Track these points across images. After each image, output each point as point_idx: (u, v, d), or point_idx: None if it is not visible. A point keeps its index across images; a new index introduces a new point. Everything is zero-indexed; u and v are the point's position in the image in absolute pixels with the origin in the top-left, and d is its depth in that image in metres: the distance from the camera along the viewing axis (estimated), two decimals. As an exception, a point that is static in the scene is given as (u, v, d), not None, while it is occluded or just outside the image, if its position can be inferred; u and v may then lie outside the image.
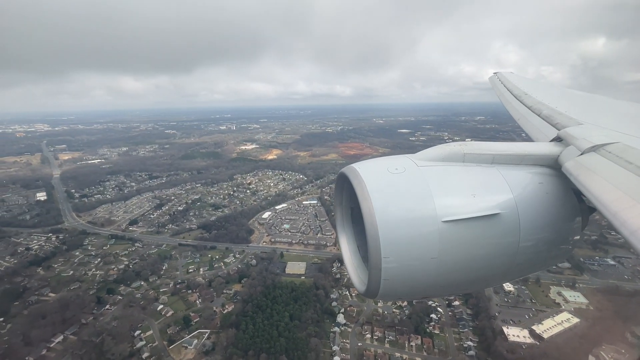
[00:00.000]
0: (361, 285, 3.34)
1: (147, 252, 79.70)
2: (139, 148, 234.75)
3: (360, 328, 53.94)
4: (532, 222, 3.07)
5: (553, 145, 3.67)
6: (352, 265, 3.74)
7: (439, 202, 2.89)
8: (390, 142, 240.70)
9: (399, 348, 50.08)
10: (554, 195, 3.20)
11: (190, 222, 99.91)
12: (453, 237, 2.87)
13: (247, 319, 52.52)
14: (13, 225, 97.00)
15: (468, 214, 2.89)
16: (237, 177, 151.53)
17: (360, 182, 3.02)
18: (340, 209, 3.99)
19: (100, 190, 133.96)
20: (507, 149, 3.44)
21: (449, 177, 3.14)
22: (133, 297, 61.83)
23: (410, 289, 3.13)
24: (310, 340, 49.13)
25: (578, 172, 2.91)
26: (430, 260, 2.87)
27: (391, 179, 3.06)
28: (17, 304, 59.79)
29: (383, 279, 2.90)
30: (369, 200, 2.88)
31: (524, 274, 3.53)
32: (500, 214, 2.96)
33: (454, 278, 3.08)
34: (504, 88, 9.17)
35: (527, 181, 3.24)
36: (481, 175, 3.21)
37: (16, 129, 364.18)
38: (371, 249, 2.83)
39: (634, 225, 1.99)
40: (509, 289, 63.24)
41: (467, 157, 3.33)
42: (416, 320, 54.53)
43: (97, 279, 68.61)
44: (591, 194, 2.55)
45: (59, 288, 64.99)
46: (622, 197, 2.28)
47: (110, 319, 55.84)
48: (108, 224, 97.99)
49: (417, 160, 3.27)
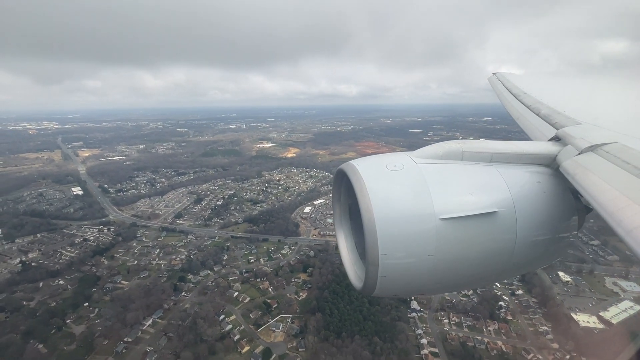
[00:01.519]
0: (358, 282, 3.39)
1: (202, 244, 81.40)
2: (157, 146, 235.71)
3: (436, 314, 56.03)
4: (529, 221, 3.10)
5: (551, 145, 3.70)
6: (349, 261, 3.79)
7: (436, 200, 2.92)
8: (405, 141, 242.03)
9: (478, 332, 52.17)
10: (551, 194, 3.22)
11: (233, 216, 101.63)
12: (450, 234, 2.90)
13: (329, 304, 54.48)
14: (60, 218, 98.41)
15: (466, 211, 2.92)
16: (264, 174, 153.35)
17: (359, 179, 3.05)
18: (338, 206, 4.04)
19: (133, 186, 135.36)
20: (505, 148, 3.48)
21: (447, 175, 3.17)
22: (206, 285, 63.61)
23: (407, 286, 3.15)
24: (396, 323, 51.20)
25: (575, 172, 2.91)
26: (428, 257, 2.89)
27: (389, 176, 3.08)
28: (94, 290, 61.49)
29: (380, 275, 2.92)
30: (367, 197, 2.91)
31: (521, 272, 3.59)
32: (498, 212, 3.00)
33: (450, 275, 3.11)
34: (503, 88, 9.15)
35: (525, 180, 3.27)
36: (479, 173, 3.24)
37: (26, 126, 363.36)
38: (369, 246, 2.86)
39: (630, 225, 2.00)
40: (567, 280, 65.54)
41: (466, 155, 3.35)
42: (486, 307, 56.71)
43: (162, 268, 70.33)
44: (588, 193, 2.56)
45: (129, 276, 66.69)
46: (619, 197, 2.28)
47: (191, 305, 57.73)
48: (154, 217, 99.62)
49: (415, 157, 3.31)
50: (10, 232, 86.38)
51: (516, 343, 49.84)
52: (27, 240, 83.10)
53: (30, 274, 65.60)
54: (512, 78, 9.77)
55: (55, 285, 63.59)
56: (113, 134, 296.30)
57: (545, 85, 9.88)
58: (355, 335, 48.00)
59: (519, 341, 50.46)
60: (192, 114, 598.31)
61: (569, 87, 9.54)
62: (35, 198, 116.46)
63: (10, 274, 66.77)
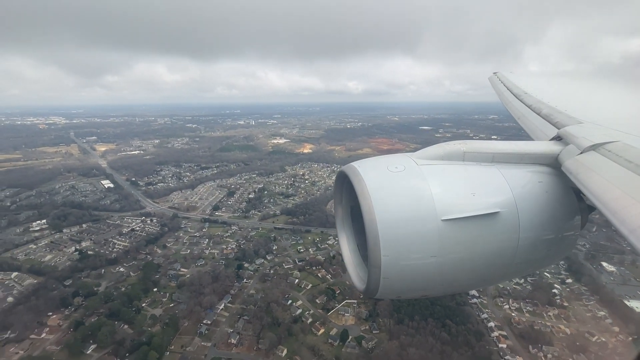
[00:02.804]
0: (361, 284, 3.37)
1: (247, 235, 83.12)
2: (171, 141, 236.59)
3: (494, 300, 58.10)
4: (532, 221, 3.09)
5: (553, 144, 3.70)
6: (352, 263, 3.77)
7: (438, 201, 2.92)
8: (417, 138, 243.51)
9: (539, 317, 54.29)
10: (553, 194, 3.21)
11: (269, 208, 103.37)
12: (453, 235, 2.90)
13: (394, 290, 56.36)
14: (99, 209, 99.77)
15: (468, 212, 2.92)
16: (287, 169, 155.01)
17: (360, 181, 3.06)
18: (340, 208, 4.01)
19: (160, 179, 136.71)
20: (506, 148, 3.47)
21: (449, 175, 3.17)
22: (264, 273, 65.41)
23: (410, 287, 3.16)
24: (462, 308, 53.27)
25: (577, 171, 2.90)
26: (430, 258, 2.89)
27: (391, 177, 3.08)
28: (157, 277, 63.14)
29: (382, 277, 2.92)
30: (368, 199, 2.91)
31: (524, 272, 3.56)
32: (500, 212, 2.99)
33: (453, 276, 3.11)
34: (504, 88, 9.11)
35: (527, 180, 3.26)
36: (481, 174, 3.23)
37: (34, 121, 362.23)
38: (371, 248, 2.86)
39: (633, 224, 2.00)
40: (611, 269, 67.86)
41: (467, 155, 3.35)
42: (543, 294, 58.85)
43: (216, 256, 72.04)
44: (590, 192, 2.56)
45: (187, 264, 68.33)
46: (622, 196, 2.28)
47: (256, 291, 59.56)
48: (192, 209, 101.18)
49: (417, 159, 3.30)
50: (54, 222, 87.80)
51: (578, 327, 52.00)
52: (74, 230, 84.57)
53: (90, 262, 67.06)
54: (513, 77, 9.75)
55: (116, 272, 65.20)
56: (124, 129, 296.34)
57: (545, 84, 9.81)
58: (428, 318, 50.00)
59: (580, 325, 52.60)
60: (197, 110, 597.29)
61: (569, 87, 9.55)
62: (68, 190, 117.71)
63: (70, 262, 68.33)
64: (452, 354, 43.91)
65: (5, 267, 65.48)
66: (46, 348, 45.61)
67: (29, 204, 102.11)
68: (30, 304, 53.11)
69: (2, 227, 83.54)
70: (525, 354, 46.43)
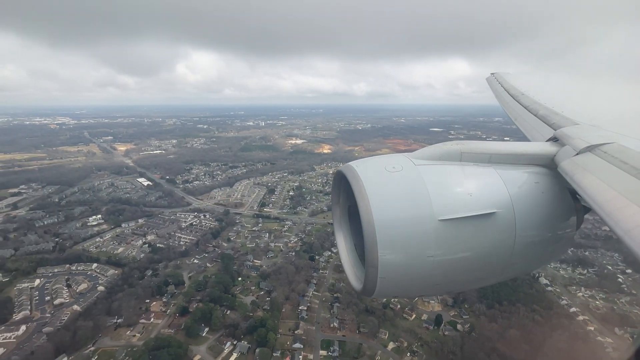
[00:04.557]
0: (358, 284, 3.38)
1: (304, 229, 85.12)
2: (188, 141, 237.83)
3: (567, 288, 60.75)
4: (528, 221, 3.12)
5: (549, 145, 3.71)
6: (349, 263, 3.78)
7: (435, 201, 2.93)
8: (431, 139, 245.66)
9: (612, 303, 57.00)
10: (549, 195, 3.24)
11: (313, 205, 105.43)
12: (450, 235, 2.92)
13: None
14: (148, 205, 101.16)
15: (465, 212, 2.93)
16: (315, 168, 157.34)
17: (358, 181, 3.07)
18: (337, 207, 4.03)
19: (194, 177, 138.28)
20: (503, 149, 3.50)
21: (446, 176, 3.19)
22: (335, 264, 67.45)
23: (407, 287, 3.19)
24: (544, 295, 55.86)
25: (573, 172, 2.92)
26: (427, 258, 2.90)
27: (388, 177, 3.09)
28: (235, 268, 64.93)
29: (379, 277, 2.93)
30: (366, 199, 2.92)
31: (520, 272, 3.63)
32: (497, 212, 3.01)
33: (450, 276, 3.14)
34: (501, 89, 9.13)
35: (523, 180, 3.28)
36: (478, 174, 3.25)
37: (42, 121, 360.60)
38: (368, 247, 2.87)
39: (628, 225, 2.00)
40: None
41: (464, 156, 3.36)
42: (610, 283, 61.63)
43: (282, 249, 73.99)
44: (586, 193, 2.57)
45: (258, 256, 70.19)
46: (617, 197, 2.29)
47: (335, 280, 61.65)
48: (239, 206, 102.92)
49: (414, 159, 3.31)
50: (110, 217, 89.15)
51: (653, 311, 54.84)
52: (132, 225, 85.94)
53: (164, 254, 68.75)
54: (510, 78, 9.79)
55: (191, 264, 66.99)
56: (136, 129, 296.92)
57: (543, 85, 9.85)
58: (516, 304, 52.45)
59: (651, 311, 55.45)
60: (201, 111, 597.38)
61: (566, 88, 9.57)
62: (109, 187, 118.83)
63: (144, 254, 69.87)
64: (551, 335, 46.33)
65: (84, 259, 66.97)
66: (160, 331, 47.35)
67: (77, 200, 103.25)
68: (126, 292, 54.75)
69: (63, 222, 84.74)
70: (613, 336, 49.01)
